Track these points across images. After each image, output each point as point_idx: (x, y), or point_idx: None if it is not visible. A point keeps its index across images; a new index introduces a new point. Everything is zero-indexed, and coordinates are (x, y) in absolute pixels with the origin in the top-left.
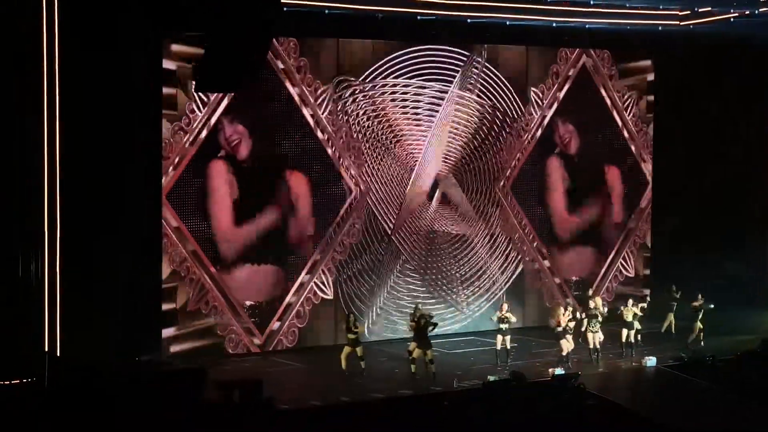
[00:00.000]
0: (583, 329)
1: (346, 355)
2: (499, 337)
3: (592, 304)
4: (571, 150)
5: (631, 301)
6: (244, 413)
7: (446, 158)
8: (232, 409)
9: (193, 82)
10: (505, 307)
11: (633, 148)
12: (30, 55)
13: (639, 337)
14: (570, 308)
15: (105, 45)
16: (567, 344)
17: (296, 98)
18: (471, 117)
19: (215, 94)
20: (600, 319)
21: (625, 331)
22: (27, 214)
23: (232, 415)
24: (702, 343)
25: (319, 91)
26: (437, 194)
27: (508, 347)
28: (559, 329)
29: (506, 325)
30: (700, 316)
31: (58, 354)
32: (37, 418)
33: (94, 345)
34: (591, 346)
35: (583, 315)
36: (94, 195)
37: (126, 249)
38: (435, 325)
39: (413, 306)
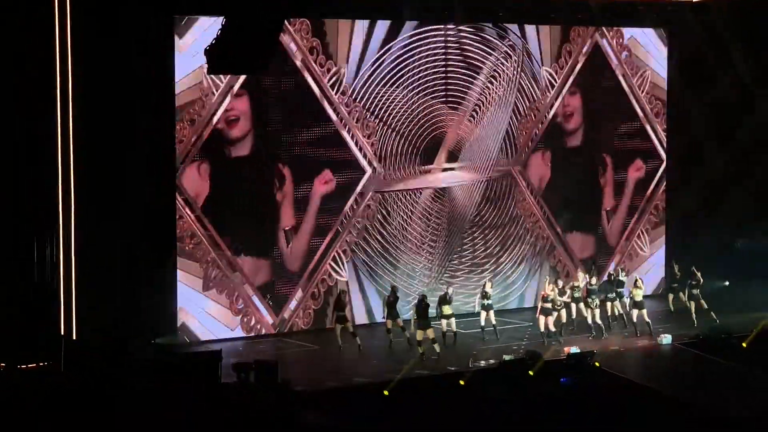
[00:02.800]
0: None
1: (340, 332)
2: (483, 313)
3: (577, 281)
4: (570, 124)
5: (640, 281)
6: (260, 394)
7: (461, 139)
8: (248, 391)
9: (206, 65)
10: (489, 284)
11: (648, 127)
12: (43, 46)
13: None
14: (557, 283)
15: (115, 32)
16: (547, 320)
17: (309, 79)
18: (487, 98)
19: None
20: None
21: (635, 311)
22: (42, 200)
23: (248, 397)
24: (714, 320)
25: (332, 72)
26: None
27: (494, 322)
28: (544, 304)
29: (489, 301)
30: (695, 296)
31: (75, 338)
32: (55, 402)
33: (110, 328)
34: (590, 320)
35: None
36: (107, 179)
37: (140, 232)
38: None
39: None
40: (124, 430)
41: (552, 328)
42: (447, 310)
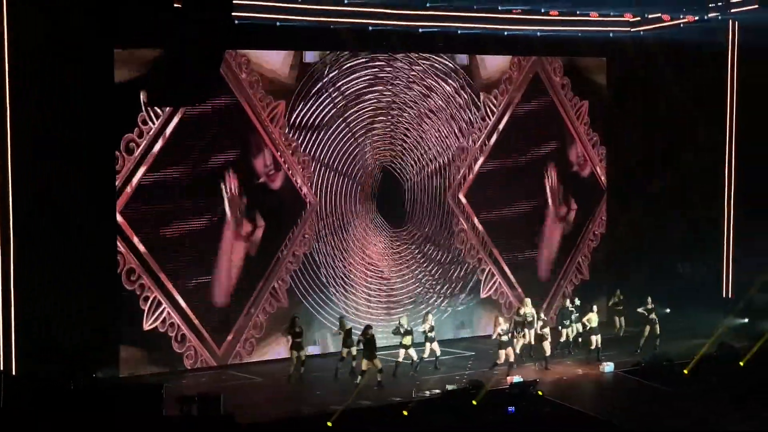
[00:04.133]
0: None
1: (295, 363)
2: (427, 345)
3: (522, 311)
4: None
5: (595, 307)
6: (204, 427)
7: (398, 168)
8: (191, 424)
9: (144, 97)
10: (430, 317)
11: (586, 154)
12: None
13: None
14: (505, 317)
15: (57, 58)
16: (505, 352)
17: (249, 112)
18: (425, 127)
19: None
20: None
21: (594, 338)
22: None
23: (192, 430)
24: (657, 348)
25: (271, 106)
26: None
27: (438, 353)
28: (498, 338)
29: (432, 333)
30: (651, 320)
31: (14, 373)
32: None
33: (50, 363)
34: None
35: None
36: (46, 210)
37: (81, 266)
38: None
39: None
40: None
41: (512, 359)
42: (407, 340)
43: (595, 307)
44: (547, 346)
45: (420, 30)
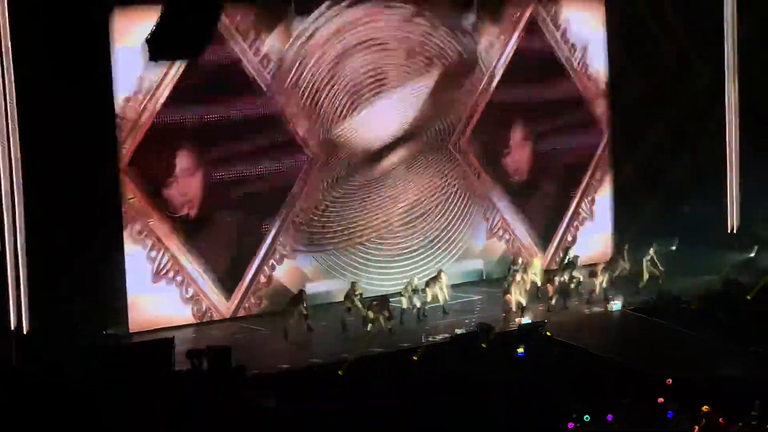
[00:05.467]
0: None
1: (296, 314)
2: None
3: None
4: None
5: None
6: (214, 381)
7: (401, 118)
8: (201, 378)
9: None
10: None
11: (587, 96)
12: None
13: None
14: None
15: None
16: (514, 297)
17: (246, 61)
18: (423, 78)
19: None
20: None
21: (598, 278)
22: None
23: (202, 384)
24: (663, 285)
25: (272, 54)
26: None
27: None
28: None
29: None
30: (651, 260)
31: (25, 332)
32: (8, 397)
33: (60, 321)
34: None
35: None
36: (51, 166)
37: (87, 222)
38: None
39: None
40: (79, 422)
41: (523, 303)
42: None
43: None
44: (563, 289)
45: None
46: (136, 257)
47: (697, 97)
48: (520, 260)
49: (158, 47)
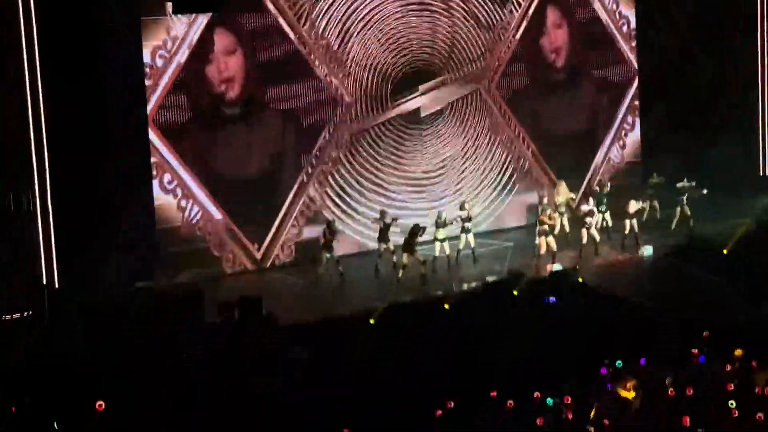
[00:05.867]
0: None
1: (326, 261)
2: (462, 236)
3: (557, 199)
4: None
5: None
6: (245, 331)
7: (431, 63)
8: (233, 328)
9: (170, 4)
10: (467, 205)
11: (617, 38)
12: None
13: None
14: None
15: None
16: (546, 240)
17: (274, 11)
18: (454, 20)
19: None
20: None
21: (627, 222)
22: (14, 149)
23: (234, 334)
24: (693, 229)
25: (298, 5)
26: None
27: (473, 245)
28: (541, 226)
29: (468, 224)
30: (684, 201)
31: (57, 286)
32: (40, 351)
33: (91, 275)
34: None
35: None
36: (79, 125)
37: (115, 176)
38: (423, 229)
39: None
40: (114, 377)
41: (554, 248)
42: (441, 234)
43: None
44: (594, 232)
45: None
46: (166, 207)
47: (729, 40)
48: (545, 200)
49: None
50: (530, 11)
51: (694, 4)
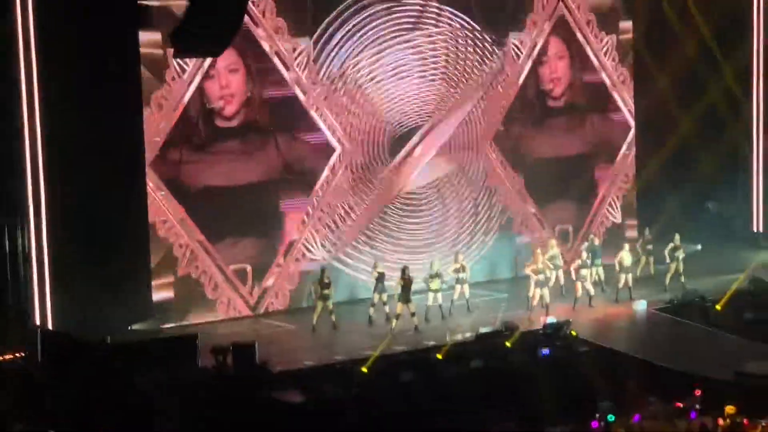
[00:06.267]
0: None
1: (321, 310)
2: (457, 287)
3: (549, 253)
4: (556, 94)
5: (627, 246)
6: (239, 377)
7: (430, 112)
8: (226, 374)
9: (171, 50)
10: (461, 257)
11: (614, 93)
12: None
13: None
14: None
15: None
16: (540, 292)
17: (275, 58)
18: (453, 70)
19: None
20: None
21: (623, 276)
22: (10, 186)
23: (227, 380)
24: (685, 285)
25: (297, 51)
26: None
27: (467, 296)
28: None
29: (463, 275)
30: (679, 257)
31: (50, 327)
32: (33, 392)
33: (86, 317)
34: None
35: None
36: (76, 165)
37: (113, 219)
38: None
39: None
40: (105, 417)
41: (547, 300)
42: (434, 284)
43: (626, 246)
44: (589, 286)
45: None
46: (162, 251)
47: (723, 95)
48: (538, 250)
49: (183, 44)
50: (527, 66)
51: (691, 57)
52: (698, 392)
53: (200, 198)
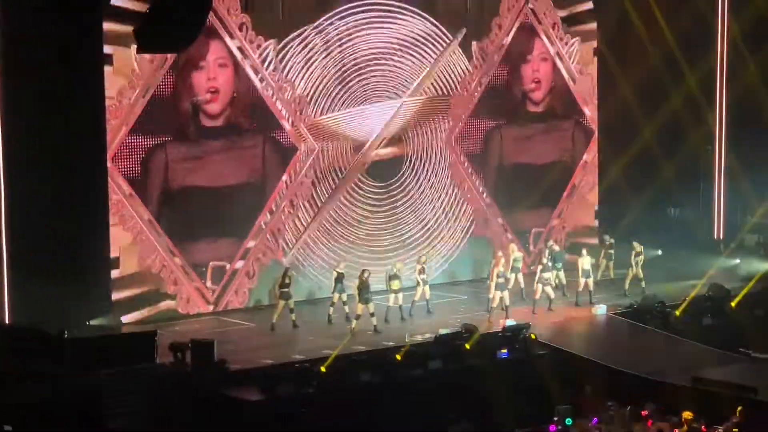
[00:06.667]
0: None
1: (281, 309)
2: (418, 289)
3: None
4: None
5: (585, 251)
6: (197, 374)
7: (394, 114)
8: (184, 371)
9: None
10: (423, 258)
11: (578, 97)
12: None
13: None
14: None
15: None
16: (500, 295)
17: (238, 55)
18: (416, 71)
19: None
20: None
21: (582, 280)
22: None
23: (185, 377)
24: (644, 290)
25: (262, 47)
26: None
27: (428, 297)
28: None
29: (424, 276)
30: (639, 262)
31: (8, 322)
32: None
33: (43, 311)
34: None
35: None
36: (36, 161)
37: (72, 213)
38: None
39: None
40: (62, 412)
41: (507, 303)
42: (395, 285)
43: (584, 251)
44: (549, 290)
45: None
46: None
47: (686, 103)
48: (500, 253)
49: (146, 40)
50: (492, 68)
51: (654, 61)
52: (644, 412)
53: (162, 195)
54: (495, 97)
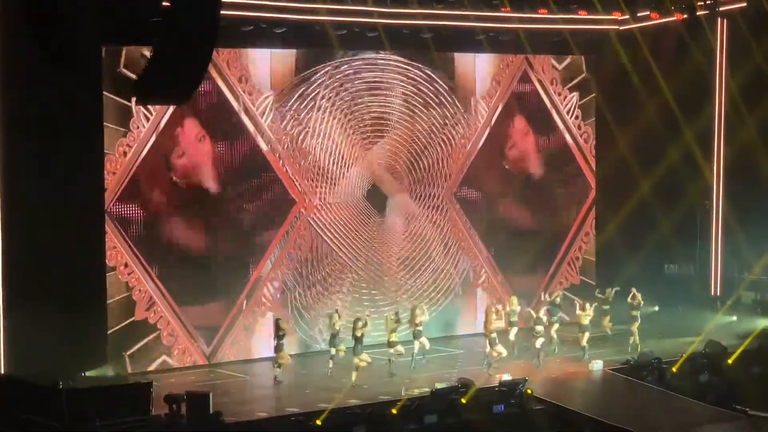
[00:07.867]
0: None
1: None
2: (416, 342)
3: (508, 309)
4: (517, 153)
5: (587, 305)
6: (192, 427)
7: (393, 168)
8: (179, 423)
9: (134, 97)
10: (418, 311)
11: (576, 153)
12: None
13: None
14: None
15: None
16: (497, 350)
17: (236, 108)
18: (418, 127)
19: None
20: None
21: (579, 336)
22: None
23: (180, 429)
24: (638, 345)
25: (260, 100)
26: (387, 207)
27: (427, 348)
28: (492, 334)
29: (420, 329)
30: (633, 318)
31: (3, 372)
32: None
33: (39, 361)
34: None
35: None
36: (34, 210)
37: (68, 263)
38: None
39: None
40: None
41: (504, 354)
42: (393, 336)
43: (582, 305)
44: (538, 343)
45: (405, 30)
46: (119, 297)
47: (684, 158)
48: (498, 309)
49: (146, 91)
50: (492, 122)
51: (652, 119)
52: None
53: (158, 246)
54: (494, 150)
